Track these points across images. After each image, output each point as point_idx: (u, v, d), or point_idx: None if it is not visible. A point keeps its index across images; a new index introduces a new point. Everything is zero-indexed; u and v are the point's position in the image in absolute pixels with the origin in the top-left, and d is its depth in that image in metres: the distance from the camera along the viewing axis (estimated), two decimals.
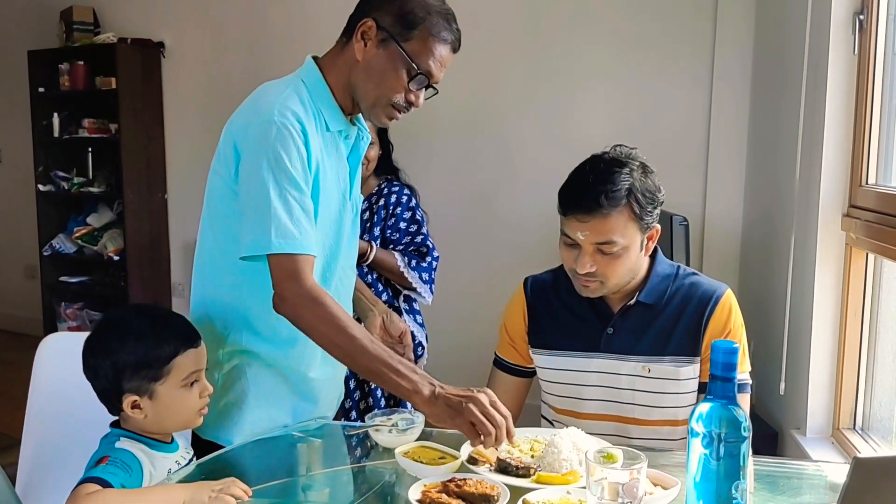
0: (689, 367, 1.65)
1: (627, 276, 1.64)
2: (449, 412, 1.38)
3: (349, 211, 1.69)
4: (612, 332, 1.68)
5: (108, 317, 1.53)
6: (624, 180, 1.56)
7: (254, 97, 1.59)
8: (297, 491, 1.50)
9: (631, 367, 1.66)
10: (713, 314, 1.65)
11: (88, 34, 4.91)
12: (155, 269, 5.01)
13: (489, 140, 3.98)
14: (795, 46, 2.62)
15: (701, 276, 1.72)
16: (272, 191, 1.47)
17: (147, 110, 4.88)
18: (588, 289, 1.64)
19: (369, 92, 1.57)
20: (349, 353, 1.46)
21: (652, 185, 1.60)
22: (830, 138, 2.33)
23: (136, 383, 1.39)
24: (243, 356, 1.63)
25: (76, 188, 5.03)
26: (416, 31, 1.53)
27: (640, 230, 1.59)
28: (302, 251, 1.48)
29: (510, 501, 1.28)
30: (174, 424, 1.47)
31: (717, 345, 1.07)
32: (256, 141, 1.49)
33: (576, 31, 3.73)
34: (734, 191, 3.52)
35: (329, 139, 1.61)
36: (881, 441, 2.24)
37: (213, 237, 1.63)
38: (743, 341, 1.67)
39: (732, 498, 1.05)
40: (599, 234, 1.56)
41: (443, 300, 4.26)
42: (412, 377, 1.42)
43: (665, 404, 1.66)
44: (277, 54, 4.40)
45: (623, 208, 1.56)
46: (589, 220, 1.56)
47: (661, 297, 1.68)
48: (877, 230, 2.11)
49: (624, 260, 1.60)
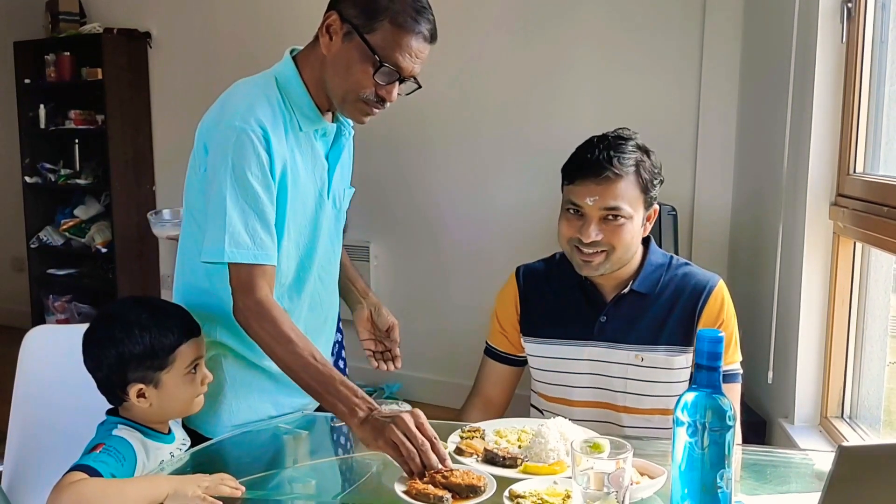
0: (682, 357, 1.66)
1: (629, 251, 1.64)
2: (373, 433, 1.35)
3: (328, 209, 1.67)
4: (606, 319, 1.68)
5: (109, 309, 1.54)
6: (632, 152, 1.61)
7: (224, 97, 1.57)
8: (284, 483, 1.50)
9: (623, 356, 1.67)
10: (706, 305, 1.65)
11: (74, 24, 4.88)
12: (143, 262, 4.99)
13: (482, 135, 3.97)
14: (784, 35, 2.61)
15: (693, 267, 1.73)
16: (228, 199, 1.46)
17: (134, 101, 4.85)
18: (590, 264, 1.63)
19: (337, 87, 1.53)
20: (291, 368, 1.46)
21: (657, 162, 1.65)
22: (818, 127, 2.32)
23: (142, 373, 1.42)
24: (219, 347, 1.63)
25: (63, 180, 5.00)
26: (379, 21, 1.46)
27: (643, 204, 1.62)
28: (255, 261, 1.47)
29: (497, 492, 1.28)
30: (175, 412, 1.50)
31: (703, 334, 1.07)
32: (219, 145, 1.48)
33: (565, 18, 3.72)
34: (723, 180, 3.52)
35: (303, 139, 1.58)
36: (869, 429, 2.25)
37: (190, 230, 1.62)
38: (735, 332, 1.67)
39: (717, 487, 1.05)
40: (608, 198, 1.58)
41: (437, 290, 4.28)
42: (351, 400, 1.39)
43: (656, 393, 1.67)
44: (267, 43, 4.36)
45: (632, 176, 1.60)
46: (600, 184, 1.58)
47: (654, 286, 1.69)
48: (864, 219, 2.11)
49: (628, 230, 1.61)
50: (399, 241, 4.25)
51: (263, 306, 1.47)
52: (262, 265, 1.48)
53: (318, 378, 1.43)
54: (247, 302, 1.47)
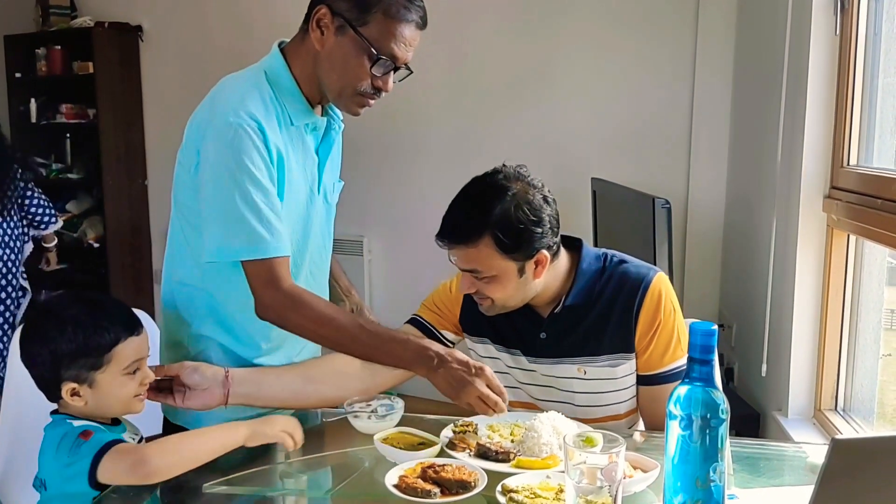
0: (625, 365, 1.62)
1: (515, 298, 1.58)
2: (453, 389, 1.44)
3: (318, 203, 1.67)
4: (545, 336, 1.64)
5: (45, 303, 1.49)
6: (487, 215, 1.49)
7: (214, 93, 1.55)
8: (276, 478, 1.49)
9: (566, 370, 1.63)
10: (643, 305, 1.60)
11: (65, 18, 4.84)
12: (135, 256, 4.96)
13: (476, 130, 3.96)
14: (777, 28, 2.61)
15: (629, 263, 1.66)
16: (238, 196, 1.44)
17: (125, 95, 4.82)
18: (482, 306, 1.62)
19: (333, 82, 1.53)
20: (341, 344, 1.50)
21: (524, 217, 1.50)
22: (812, 119, 2.32)
23: (75, 371, 1.35)
24: (208, 342, 1.61)
25: (54, 174, 4.97)
26: (373, 13, 1.46)
27: (511, 260, 1.52)
28: (275, 254, 1.47)
29: (489, 486, 1.28)
30: (113, 411, 1.42)
31: (695, 327, 1.06)
32: (216, 144, 1.46)
33: (559, 12, 3.71)
34: (717, 173, 3.52)
35: (294, 133, 1.57)
36: (863, 422, 2.25)
37: (179, 226, 1.61)
38: (677, 327, 1.61)
39: (711, 480, 1.05)
40: (464, 262, 1.55)
41: (431, 284, 4.26)
42: (405, 356, 1.47)
43: (604, 402, 1.64)
44: (258, 36, 4.32)
45: (482, 241, 1.50)
46: (453, 248, 1.54)
47: (589, 296, 1.62)
48: (858, 211, 2.11)
49: (500, 285, 1.55)
50: (393, 235, 4.24)
51: (295, 295, 1.47)
52: (282, 256, 1.48)
53: (369, 345, 1.48)
54: (276, 296, 1.47)
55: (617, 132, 3.65)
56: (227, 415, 1.58)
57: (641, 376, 1.64)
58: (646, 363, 1.62)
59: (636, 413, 1.70)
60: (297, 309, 1.47)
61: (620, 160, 3.60)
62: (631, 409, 1.67)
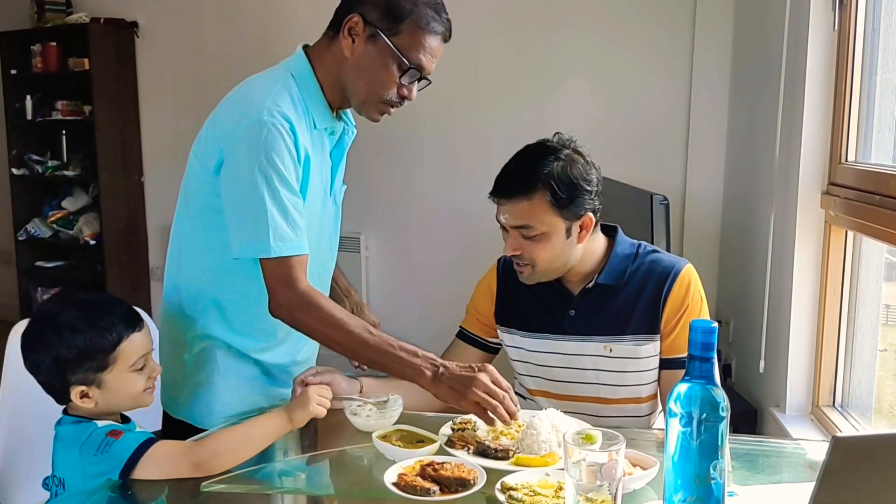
0: (649, 346, 1.67)
1: (557, 261, 1.64)
2: (452, 394, 1.43)
3: (329, 207, 1.69)
4: (574, 314, 1.70)
5: (42, 309, 1.47)
6: (544, 168, 1.57)
7: (242, 92, 1.56)
8: (274, 476, 1.49)
9: (593, 348, 1.68)
10: (672, 290, 1.66)
11: (60, 14, 4.82)
12: (132, 253, 4.95)
13: (474, 127, 3.95)
14: (775, 24, 2.61)
15: (661, 253, 1.73)
16: (266, 194, 1.46)
17: (121, 92, 4.80)
18: (522, 274, 1.67)
19: (360, 89, 1.56)
20: (350, 348, 1.51)
21: (578, 174, 1.59)
22: (810, 116, 2.32)
23: (82, 375, 1.35)
24: (213, 340, 1.62)
25: (50, 171, 4.95)
26: (405, 24, 1.50)
27: (561, 217, 1.59)
28: (298, 252, 1.49)
29: (488, 484, 1.28)
30: (124, 407, 1.43)
31: (695, 324, 1.06)
32: (247, 142, 1.47)
33: (556, 12, 3.70)
34: (715, 169, 3.52)
35: (316, 136, 1.59)
36: (860, 418, 2.26)
37: (189, 222, 1.61)
38: (703, 316, 1.67)
39: (711, 477, 1.04)
40: (516, 218, 1.60)
41: (428, 281, 4.27)
42: (413, 361, 1.46)
43: (628, 382, 1.68)
44: (254, 34, 4.33)
45: (538, 195, 1.57)
46: (506, 204, 1.60)
47: (620, 277, 1.68)
48: (856, 207, 2.11)
49: (547, 245, 1.60)
50: (391, 232, 4.24)
51: (310, 297, 1.49)
52: (302, 255, 1.50)
53: (377, 351, 1.48)
54: (290, 296, 1.48)
55: (615, 129, 3.65)
56: (234, 409, 1.59)
57: (665, 360, 1.68)
58: (670, 346, 1.66)
59: (655, 399, 1.73)
60: (309, 311, 1.49)
61: (618, 157, 3.58)
62: (651, 393, 1.71)
